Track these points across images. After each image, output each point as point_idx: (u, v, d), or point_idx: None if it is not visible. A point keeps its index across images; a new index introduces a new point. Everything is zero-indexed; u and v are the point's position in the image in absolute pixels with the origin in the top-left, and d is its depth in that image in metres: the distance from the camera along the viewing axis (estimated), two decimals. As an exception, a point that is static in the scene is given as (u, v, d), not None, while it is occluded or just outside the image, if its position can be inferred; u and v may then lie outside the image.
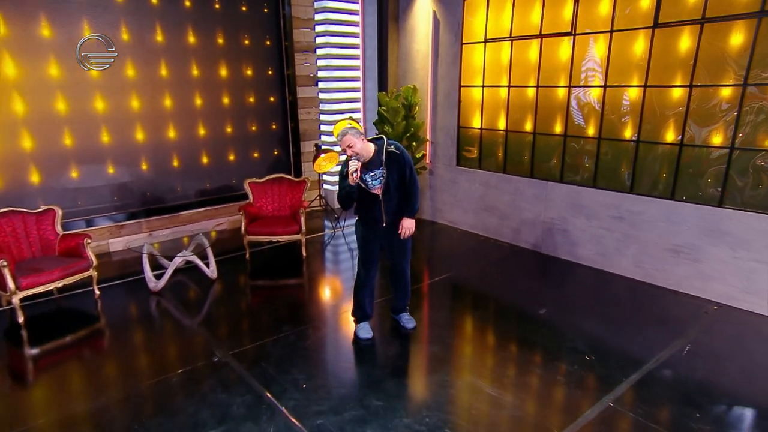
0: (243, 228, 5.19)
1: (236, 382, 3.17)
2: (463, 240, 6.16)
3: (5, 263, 3.69)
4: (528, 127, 5.49)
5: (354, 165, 3.18)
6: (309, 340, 3.74)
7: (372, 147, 3.34)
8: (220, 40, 6.13)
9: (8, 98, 4.87)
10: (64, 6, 5.01)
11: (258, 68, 6.54)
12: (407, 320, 3.93)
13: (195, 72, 6.01)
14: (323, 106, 7.17)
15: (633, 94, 4.60)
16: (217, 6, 6.01)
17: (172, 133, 5.99)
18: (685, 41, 4.21)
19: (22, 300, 3.90)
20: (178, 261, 4.54)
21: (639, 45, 4.49)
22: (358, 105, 7.40)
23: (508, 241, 5.91)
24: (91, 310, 4.27)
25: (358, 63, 7.21)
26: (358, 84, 7.31)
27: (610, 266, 5.03)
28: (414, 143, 6.35)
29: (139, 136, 5.75)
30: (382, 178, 3.35)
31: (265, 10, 6.44)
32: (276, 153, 6.97)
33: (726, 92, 4.06)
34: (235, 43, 6.26)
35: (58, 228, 4.47)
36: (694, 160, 4.33)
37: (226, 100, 6.34)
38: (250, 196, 5.63)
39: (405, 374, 3.40)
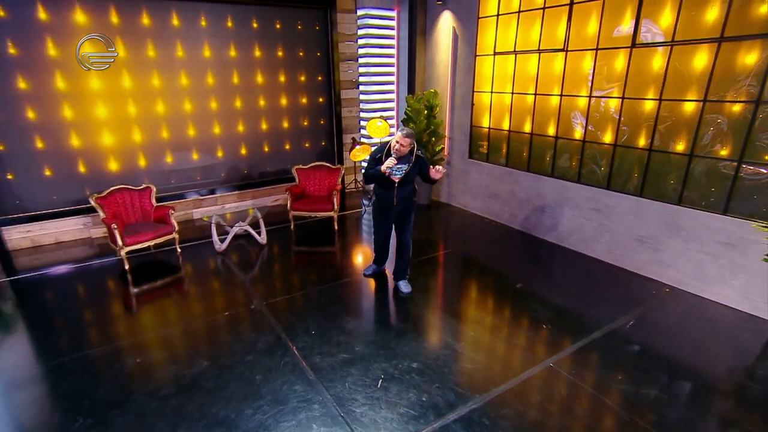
0: (289, 205, 5.80)
1: (264, 325, 3.77)
2: (470, 221, 6.44)
3: (116, 226, 4.53)
4: (527, 128, 5.62)
5: (392, 161, 3.70)
6: (326, 297, 4.25)
7: (408, 146, 3.76)
8: (280, 53, 6.66)
9: (125, 104, 5.70)
10: (157, 35, 5.72)
11: (310, 75, 7.03)
12: (404, 286, 4.36)
13: (259, 79, 6.61)
14: (363, 105, 7.57)
15: (614, 103, 4.65)
16: (278, 26, 6.52)
17: (241, 128, 6.66)
18: (657, 60, 4.22)
19: (127, 253, 4.76)
20: (236, 230, 5.24)
21: (620, 62, 4.51)
22: (392, 104, 7.74)
23: (507, 224, 6.13)
24: (174, 263, 5.06)
25: (392, 69, 7.51)
26: (393, 87, 7.63)
27: (587, 250, 5.18)
28: (433, 138, 6.64)
29: (216, 130, 6.46)
30: (403, 171, 3.82)
31: (317, 28, 6.87)
32: (323, 144, 7.51)
33: (690, 106, 4.06)
34: (292, 55, 6.77)
35: (153, 201, 5.29)
36: (659, 163, 4.37)
37: (283, 101, 6.91)
38: (297, 179, 6.22)
39: (393, 329, 3.80)
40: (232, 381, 3.07)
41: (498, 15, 5.67)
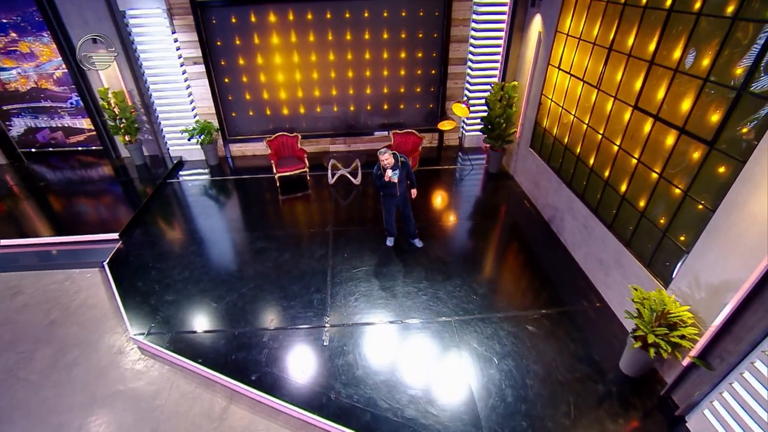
0: (379, 160, 7.85)
1: (326, 242, 6.33)
2: (516, 197, 7.45)
3: (273, 161, 7.45)
4: (565, 140, 6.20)
5: (390, 173, 5.33)
6: (368, 235, 6.47)
7: (393, 159, 5.35)
8: (403, 35, 8.01)
9: (292, 73, 8.21)
10: (316, 25, 7.74)
11: (426, 51, 8.25)
12: (417, 242, 6.25)
13: (385, 55, 8.21)
14: (468, 79, 8.52)
15: (614, 148, 5.08)
16: (403, 14, 7.80)
17: (368, 90, 8.59)
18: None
19: (279, 177, 7.73)
20: (341, 172, 7.68)
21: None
22: (495, 79, 8.41)
23: (538, 210, 7.06)
24: (304, 185, 7.88)
25: (498, 50, 8.05)
26: (496, 65, 8.24)
27: (574, 253, 6.04)
28: (504, 125, 7.50)
29: (351, 91, 8.56)
30: (397, 173, 5.46)
31: (436, 14, 7.85)
32: (431, 106, 8.92)
33: (654, 174, 4.47)
34: (412, 35, 8.04)
35: (298, 144, 8.02)
36: (627, 209, 4.93)
37: (402, 72, 8.43)
38: (392, 140, 8.11)
39: (387, 270, 5.78)
40: (294, 270, 5.79)
41: (567, 34, 5.92)
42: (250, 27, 7.64)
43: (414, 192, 5.81)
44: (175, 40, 7.51)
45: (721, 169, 3.68)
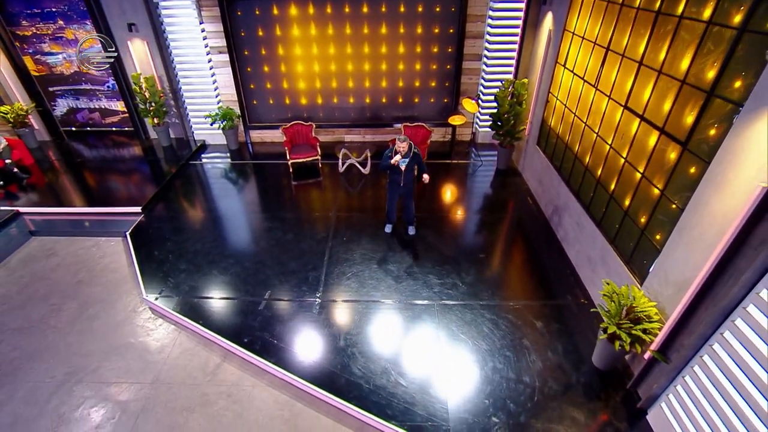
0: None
1: (328, 225, 6.80)
2: (522, 193, 7.68)
3: (287, 149, 7.99)
4: (566, 138, 6.37)
5: (398, 157, 5.78)
6: (369, 221, 6.92)
7: (407, 148, 5.85)
8: (419, 30, 8.34)
9: (312, 64, 8.72)
10: (335, 18, 8.19)
11: (441, 47, 8.53)
12: (411, 230, 6.61)
13: (401, 49, 8.56)
14: (483, 74, 8.73)
15: (606, 147, 5.26)
16: (420, 9, 8.12)
17: (384, 83, 8.98)
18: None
19: (292, 164, 8.27)
20: (350, 161, 8.13)
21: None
22: (509, 76, 8.59)
23: (541, 207, 7.25)
24: (316, 172, 8.38)
25: (513, 47, 8.23)
26: (511, 61, 8.42)
27: (567, 250, 6.23)
28: (513, 121, 7.70)
29: (367, 83, 8.98)
30: (406, 161, 5.89)
31: (453, 9, 8.12)
32: (446, 100, 9.21)
33: (637, 174, 4.64)
34: (428, 31, 8.35)
35: (313, 133, 8.52)
36: (614, 208, 5.11)
37: (417, 66, 8.77)
38: (403, 132, 8.46)
39: (381, 254, 6.22)
40: (295, 248, 6.31)
41: (574, 33, 6.08)
42: (272, 19, 8.19)
43: (426, 177, 5.92)
44: (203, 30, 8.17)
45: (692, 170, 3.85)
